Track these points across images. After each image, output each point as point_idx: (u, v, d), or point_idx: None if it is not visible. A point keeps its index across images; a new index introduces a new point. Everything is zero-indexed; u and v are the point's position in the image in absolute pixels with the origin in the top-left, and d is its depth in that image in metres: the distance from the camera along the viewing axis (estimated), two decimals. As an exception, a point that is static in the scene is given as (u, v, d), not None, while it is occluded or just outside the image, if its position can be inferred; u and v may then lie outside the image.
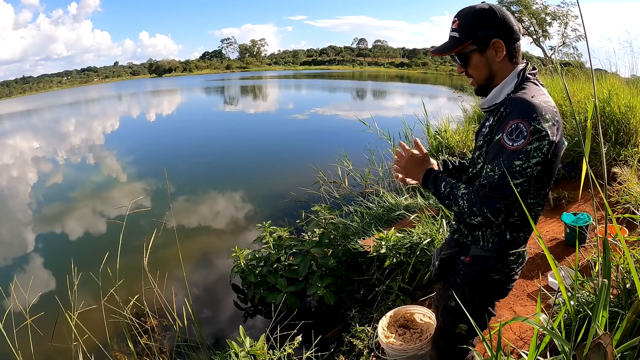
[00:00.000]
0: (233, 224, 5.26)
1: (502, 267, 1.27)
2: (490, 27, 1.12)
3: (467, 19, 1.14)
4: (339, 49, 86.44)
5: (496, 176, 1.07)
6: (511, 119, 1.06)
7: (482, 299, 1.34)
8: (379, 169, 5.20)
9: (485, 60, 1.16)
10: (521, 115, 1.04)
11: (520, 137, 1.03)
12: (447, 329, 1.46)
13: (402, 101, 18.75)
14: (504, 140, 1.06)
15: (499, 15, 1.12)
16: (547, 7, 25.51)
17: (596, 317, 1.10)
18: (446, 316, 1.44)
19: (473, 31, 1.14)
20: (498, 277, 1.28)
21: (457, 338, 1.44)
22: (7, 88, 69.98)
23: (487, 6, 1.14)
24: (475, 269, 1.29)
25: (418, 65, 67.12)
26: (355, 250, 3.00)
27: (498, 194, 1.07)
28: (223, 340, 2.70)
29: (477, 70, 1.19)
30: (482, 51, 1.15)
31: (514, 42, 1.15)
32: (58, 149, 11.78)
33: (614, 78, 4.33)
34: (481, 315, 1.36)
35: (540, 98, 1.08)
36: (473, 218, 1.13)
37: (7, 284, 3.14)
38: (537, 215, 1.25)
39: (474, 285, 1.31)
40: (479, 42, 1.14)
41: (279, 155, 9.00)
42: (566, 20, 25.12)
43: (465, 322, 1.34)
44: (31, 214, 6.31)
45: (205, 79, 58.73)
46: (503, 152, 1.06)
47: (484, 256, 1.27)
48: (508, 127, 1.05)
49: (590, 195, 3.37)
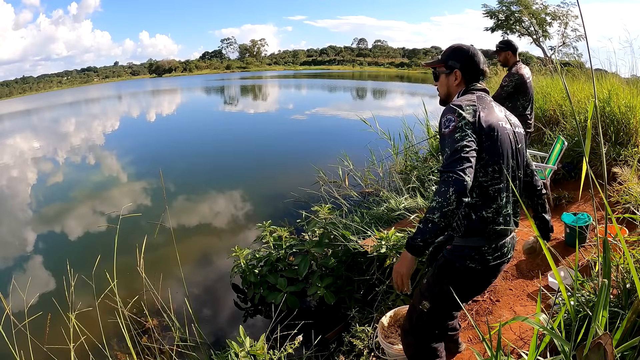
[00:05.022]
0: (233, 223, 5.26)
1: (477, 255, 1.44)
2: (457, 60, 1.52)
3: (449, 50, 1.56)
4: (339, 49, 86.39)
5: (447, 152, 1.31)
6: (444, 115, 1.40)
7: (451, 283, 1.46)
8: (379, 169, 5.20)
9: (447, 82, 1.56)
10: (447, 112, 1.40)
11: (450, 122, 1.35)
12: (414, 304, 1.62)
13: (402, 101, 18.76)
14: (442, 130, 1.37)
15: (468, 55, 1.51)
16: (547, 7, 25.46)
17: (596, 317, 1.10)
18: (416, 294, 1.63)
19: (447, 59, 1.54)
20: (473, 265, 1.45)
21: (420, 316, 1.58)
22: (7, 88, 69.89)
23: (466, 47, 1.53)
24: (453, 255, 1.48)
25: (418, 65, 66.99)
26: (355, 250, 3.00)
27: (453, 158, 1.28)
28: (223, 340, 2.70)
29: (441, 87, 1.59)
30: (447, 75, 1.55)
31: (472, 76, 1.52)
32: (58, 148, 11.78)
33: (614, 78, 4.33)
34: (446, 301, 1.49)
35: (463, 99, 1.43)
36: (448, 197, 1.25)
37: (6, 284, 3.14)
38: (496, 194, 1.41)
39: (447, 268, 1.50)
40: (447, 67, 1.54)
41: (279, 155, 9.00)
42: (566, 20, 25.06)
43: (429, 301, 1.54)
44: (30, 214, 6.31)
45: (205, 79, 58.72)
46: (444, 137, 1.36)
47: (462, 245, 1.46)
48: (441, 122, 1.40)
49: (590, 195, 3.37)
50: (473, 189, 1.38)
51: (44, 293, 3.61)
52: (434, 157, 5.27)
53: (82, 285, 2.24)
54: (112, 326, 2.22)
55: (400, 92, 25.41)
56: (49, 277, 4.11)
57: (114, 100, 33.10)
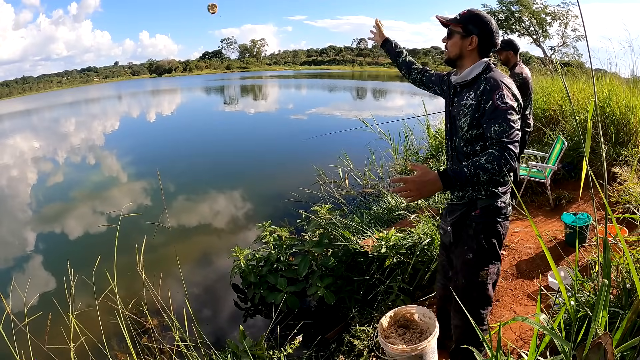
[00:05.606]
0: (233, 223, 5.25)
1: (503, 209, 1.61)
2: (477, 26, 1.56)
3: (470, 14, 1.59)
4: (339, 49, 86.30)
5: (506, 128, 1.41)
6: (496, 89, 1.47)
7: (496, 238, 1.62)
8: (379, 169, 5.20)
9: (461, 44, 1.59)
10: (498, 87, 1.47)
11: (506, 99, 1.45)
12: (470, 281, 1.65)
13: (402, 101, 18.75)
14: (498, 104, 1.44)
15: (488, 25, 1.56)
16: (547, 7, 25.46)
17: (596, 317, 1.10)
18: (466, 270, 1.66)
19: (466, 22, 1.58)
20: (501, 219, 1.61)
21: (480, 286, 1.65)
22: (7, 88, 69.79)
23: (488, 18, 1.58)
24: (486, 217, 1.60)
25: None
26: (355, 250, 3.00)
27: (512, 139, 1.40)
28: (223, 340, 2.70)
29: (453, 47, 1.62)
30: (463, 37, 1.59)
31: (487, 45, 1.58)
32: (58, 148, 11.77)
33: (614, 78, 4.33)
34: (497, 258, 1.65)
35: (505, 79, 1.53)
36: (505, 169, 1.39)
37: (6, 284, 3.14)
38: None
39: (488, 229, 1.61)
40: (464, 30, 1.58)
41: (279, 155, 9.00)
42: (566, 20, 25.08)
43: (483, 268, 1.62)
44: (30, 214, 6.31)
45: (205, 79, 58.68)
46: (501, 112, 1.44)
47: (488, 205, 1.59)
48: (495, 95, 1.46)
49: (590, 195, 3.37)
50: None
51: (44, 293, 3.61)
52: (434, 157, 5.28)
53: (83, 285, 2.24)
54: (112, 326, 2.22)
55: (400, 92, 25.41)
56: (49, 277, 4.11)
57: (114, 100, 33.08)
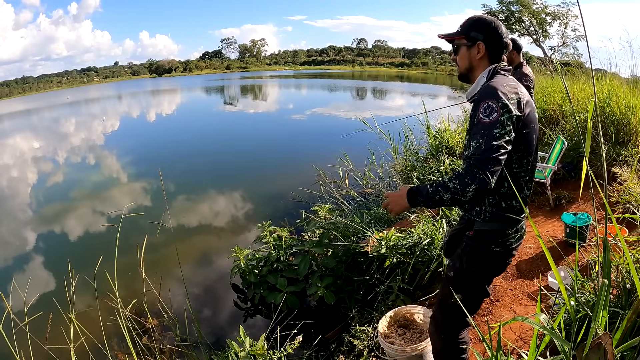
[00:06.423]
0: (233, 223, 5.25)
1: (501, 239, 1.42)
2: (480, 32, 1.42)
3: (469, 21, 1.46)
4: (339, 49, 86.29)
5: (482, 144, 1.26)
6: (482, 101, 1.31)
7: (479, 270, 1.47)
8: (379, 169, 5.19)
9: (469, 55, 1.45)
10: (490, 97, 1.29)
11: (493, 112, 1.27)
12: (444, 299, 1.55)
13: (402, 101, 18.75)
14: (481, 117, 1.29)
15: (492, 27, 1.41)
16: (547, 7, 25.48)
17: (596, 317, 1.11)
18: (445, 286, 1.55)
19: (468, 30, 1.44)
20: (497, 249, 1.43)
21: (453, 309, 1.50)
22: (7, 88, 69.78)
23: (489, 18, 1.44)
24: (477, 241, 1.44)
25: (418, 65, 67.05)
26: (355, 250, 3.00)
27: (487, 156, 1.25)
28: (223, 340, 2.70)
29: (461, 60, 1.48)
30: (469, 47, 1.44)
31: (497, 48, 1.43)
32: (58, 148, 11.77)
33: (614, 78, 4.32)
34: (477, 289, 1.51)
35: (505, 85, 1.33)
36: (468, 190, 1.26)
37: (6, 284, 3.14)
38: (525, 184, 1.42)
39: (474, 255, 1.45)
40: (469, 40, 1.44)
41: (279, 155, 9.00)
42: (566, 20, 25.08)
43: (460, 292, 1.46)
44: (30, 214, 6.31)
45: (205, 79, 58.67)
46: (482, 126, 1.28)
47: (485, 230, 1.43)
48: (481, 107, 1.30)
49: (590, 195, 3.37)
50: (506, 179, 1.36)
51: (45, 293, 3.61)
52: (434, 157, 5.27)
53: (83, 285, 2.24)
54: (112, 326, 2.22)
55: (400, 92, 25.41)
56: (49, 277, 4.11)
57: (114, 100, 33.09)
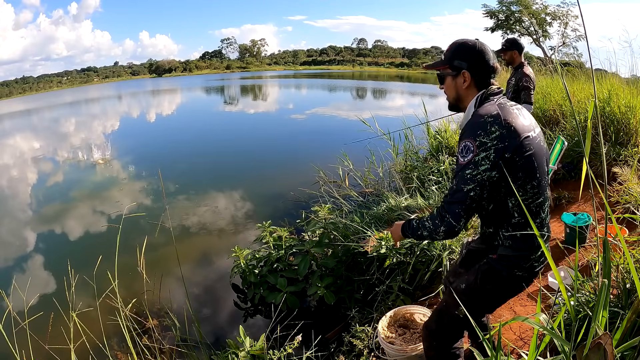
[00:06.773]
0: (233, 223, 5.25)
1: (525, 264, 1.38)
2: (464, 59, 1.35)
3: (452, 48, 1.38)
4: (339, 49, 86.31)
5: (454, 186, 1.29)
6: (461, 140, 1.29)
7: (495, 289, 1.44)
8: (379, 169, 5.19)
9: (455, 85, 1.39)
10: (467, 136, 1.27)
11: (468, 153, 1.25)
12: (447, 309, 1.52)
13: (402, 101, 18.76)
14: (458, 158, 1.29)
15: (476, 52, 1.34)
16: (547, 7, 25.48)
17: (596, 317, 1.10)
18: (451, 296, 1.49)
19: (451, 59, 1.38)
20: (521, 273, 1.39)
21: (452, 321, 1.49)
22: (7, 88, 69.78)
23: (471, 42, 1.36)
24: (500, 265, 1.40)
25: (418, 65, 67.01)
26: (355, 250, 3.00)
27: (455, 199, 1.28)
28: (223, 340, 2.70)
29: (448, 90, 1.42)
30: (454, 77, 1.38)
31: (483, 74, 1.35)
32: (58, 148, 11.77)
33: (614, 78, 4.33)
34: (485, 306, 1.51)
35: (488, 116, 1.26)
36: (438, 231, 1.31)
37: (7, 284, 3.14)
38: (539, 208, 1.35)
39: (493, 275, 1.41)
40: (453, 68, 1.37)
41: (279, 155, 9.00)
42: (566, 20, 25.08)
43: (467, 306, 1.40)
44: (30, 214, 6.31)
45: (205, 79, 58.67)
46: (458, 167, 1.28)
47: (508, 255, 1.39)
48: (459, 147, 1.29)
49: (590, 195, 3.37)
50: (514, 209, 1.31)
51: (45, 293, 3.61)
52: (434, 157, 5.27)
53: (83, 285, 2.24)
54: (112, 326, 2.22)
55: (400, 92, 25.40)
56: (49, 277, 4.11)
57: (114, 100, 33.08)
